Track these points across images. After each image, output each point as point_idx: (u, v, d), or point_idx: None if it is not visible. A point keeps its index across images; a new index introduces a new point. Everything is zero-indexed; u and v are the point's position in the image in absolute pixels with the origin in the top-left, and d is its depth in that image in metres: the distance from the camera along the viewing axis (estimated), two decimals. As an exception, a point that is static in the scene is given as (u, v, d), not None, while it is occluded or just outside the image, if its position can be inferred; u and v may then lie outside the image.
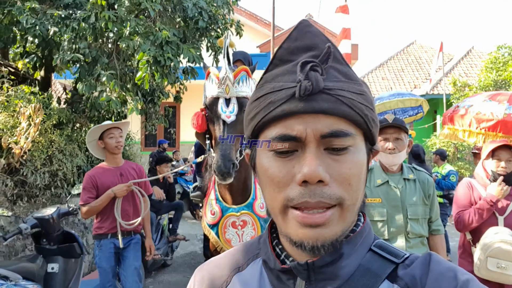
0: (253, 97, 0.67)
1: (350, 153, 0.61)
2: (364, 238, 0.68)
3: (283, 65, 0.64)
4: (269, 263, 0.69)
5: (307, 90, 0.58)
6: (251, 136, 0.67)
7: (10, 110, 4.67)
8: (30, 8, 4.85)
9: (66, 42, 4.62)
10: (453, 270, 0.62)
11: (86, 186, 3.53)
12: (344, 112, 0.59)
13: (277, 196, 0.61)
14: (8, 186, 4.49)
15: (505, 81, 13.31)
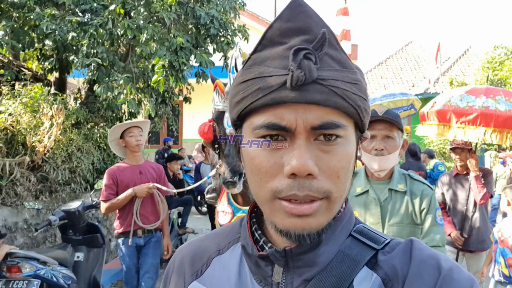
0: (239, 78, 0.63)
1: (340, 145, 0.59)
2: (344, 224, 0.67)
3: (273, 47, 0.60)
4: (247, 249, 0.68)
5: (300, 81, 0.55)
6: (237, 119, 0.64)
7: (33, 110, 4.98)
8: (49, 15, 5.14)
9: (85, 47, 4.93)
10: (435, 258, 0.60)
11: (107, 183, 3.64)
12: (336, 104, 0.57)
13: (265, 185, 0.59)
14: (32, 181, 4.81)
15: (501, 80, 13.64)
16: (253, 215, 0.73)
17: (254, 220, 0.72)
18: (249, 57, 0.63)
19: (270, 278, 0.65)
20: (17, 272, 2.94)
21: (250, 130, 0.61)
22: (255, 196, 0.63)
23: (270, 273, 0.65)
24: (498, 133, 3.45)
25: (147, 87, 5.26)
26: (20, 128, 4.82)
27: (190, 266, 0.74)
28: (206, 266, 0.73)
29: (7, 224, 4.51)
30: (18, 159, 4.64)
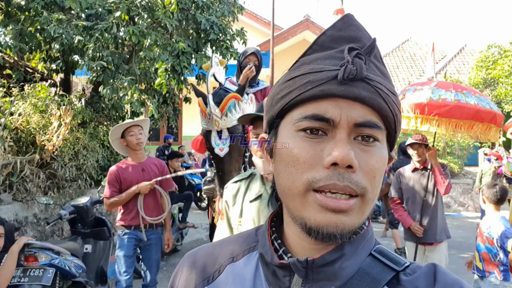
0: (285, 77, 0.65)
1: (377, 147, 0.60)
2: (366, 242, 0.66)
3: (324, 51, 0.63)
4: (266, 257, 0.67)
5: (351, 74, 0.57)
6: (277, 116, 0.65)
7: (41, 111, 5.25)
8: (57, 19, 5.40)
9: (91, 50, 5.19)
10: (460, 284, 0.60)
11: (110, 181, 3.71)
12: (379, 105, 0.59)
13: (300, 177, 0.59)
14: (41, 178, 5.08)
15: (493, 79, 13.90)
16: (272, 224, 0.71)
17: (273, 229, 0.70)
18: (297, 60, 0.66)
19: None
20: (34, 261, 3.22)
21: (290, 124, 0.62)
22: (285, 192, 0.62)
23: (287, 284, 0.63)
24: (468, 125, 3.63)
25: (149, 89, 5.52)
26: (29, 128, 5.09)
27: (201, 272, 0.72)
28: (218, 273, 0.71)
29: (18, 218, 4.79)
30: (28, 157, 4.91)
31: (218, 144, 2.67)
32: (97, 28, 5.31)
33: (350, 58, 0.58)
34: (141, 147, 3.78)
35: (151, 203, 3.80)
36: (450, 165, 12.48)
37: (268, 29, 14.75)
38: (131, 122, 3.78)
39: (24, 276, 3.13)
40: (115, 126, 3.82)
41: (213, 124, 2.64)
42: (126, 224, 3.74)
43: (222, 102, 2.60)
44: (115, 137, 3.78)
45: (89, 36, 5.33)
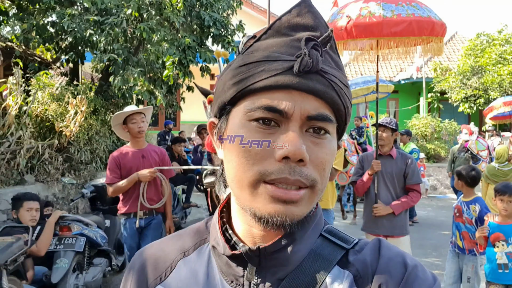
0: (239, 62, 0.63)
1: (328, 140, 0.61)
2: (315, 223, 0.67)
3: (280, 37, 0.61)
4: (218, 248, 0.66)
5: (307, 67, 0.56)
6: (228, 102, 0.63)
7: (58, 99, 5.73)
8: (70, 14, 5.83)
9: (102, 44, 5.64)
10: (401, 256, 0.63)
11: (110, 167, 3.70)
12: (333, 99, 0.59)
13: (251, 168, 0.58)
14: (59, 161, 5.59)
15: (481, 67, 14.43)
16: (222, 215, 0.71)
17: (224, 220, 0.70)
18: (250, 44, 0.64)
19: (242, 278, 0.64)
20: (67, 231, 3.75)
21: (242, 113, 0.60)
22: (236, 182, 0.61)
23: (241, 273, 0.64)
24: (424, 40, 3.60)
25: (157, 79, 6.00)
26: (48, 115, 5.57)
27: (152, 270, 0.71)
28: (170, 269, 0.70)
29: (40, 198, 5.32)
30: (48, 142, 5.41)
31: None
32: (107, 22, 5.75)
33: (307, 50, 0.57)
34: (142, 134, 3.77)
35: (152, 190, 3.78)
36: (437, 150, 13.11)
37: (264, 17, 15.13)
38: (134, 110, 3.77)
39: (60, 244, 3.67)
40: (118, 113, 3.82)
41: None
42: (125, 211, 3.74)
43: None
44: (117, 123, 3.78)
45: (100, 30, 5.77)
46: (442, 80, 15.29)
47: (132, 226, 3.74)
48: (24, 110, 5.07)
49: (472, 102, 14.49)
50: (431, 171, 12.26)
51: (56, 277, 3.51)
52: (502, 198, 3.55)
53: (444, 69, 15.93)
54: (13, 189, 4.80)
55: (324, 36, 0.60)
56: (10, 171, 5.00)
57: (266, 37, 0.63)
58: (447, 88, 15.04)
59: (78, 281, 3.79)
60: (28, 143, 5.04)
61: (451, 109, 16.09)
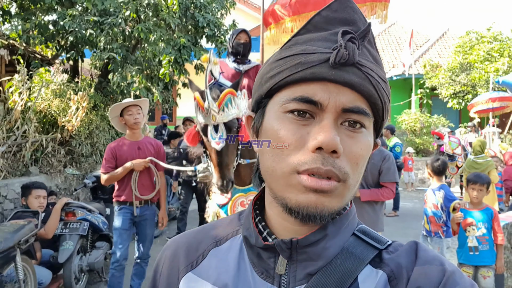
0: (276, 56, 0.64)
1: (363, 134, 0.60)
2: (349, 222, 0.67)
3: (318, 32, 0.62)
4: (250, 239, 0.67)
5: (343, 59, 0.57)
6: (265, 95, 0.64)
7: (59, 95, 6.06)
8: (71, 15, 6.15)
9: (102, 43, 5.97)
10: (439, 260, 0.62)
11: (107, 157, 3.82)
12: (369, 92, 0.59)
13: (286, 159, 0.59)
14: (61, 154, 5.93)
15: (469, 64, 14.81)
16: (256, 207, 0.71)
17: (257, 212, 0.70)
18: (289, 39, 0.65)
19: (273, 271, 0.64)
20: (72, 216, 4.12)
21: (278, 105, 0.61)
22: (269, 172, 0.62)
23: (272, 265, 0.64)
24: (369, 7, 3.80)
25: (153, 77, 6.35)
26: (51, 111, 5.91)
27: (184, 257, 0.72)
28: (202, 258, 0.71)
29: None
30: (51, 136, 5.75)
31: (214, 137, 2.72)
32: (106, 23, 6.08)
33: (343, 42, 0.57)
34: (138, 126, 3.87)
35: (146, 181, 3.88)
36: (426, 144, 13.50)
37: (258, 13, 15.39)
38: (131, 102, 3.86)
39: (65, 228, 4.04)
40: (115, 104, 3.91)
41: (210, 119, 2.68)
42: (120, 200, 3.85)
43: (220, 98, 2.68)
44: (114, 115, 3.88)
45: (100, 30, 6.10)
46: (432, 76, 15.67)
47: (126, 213, 3.83)
48: (28, 106, 5.40)
49: (460, 98, 14.90)
50: (419, 165, 12.66)
51: (62, 257, 3.88)
52: (474, 187, 3.89)
53: (435, 66, 16.31)
54: (19, 179, 5.15)
55: (362, 29, 0.61)
56: (16, 163, 5.34)
57: (305, 32, 0.63)
58: (437, 84, 15.42)
59: (82, 262, 4.16)
60: (32, 137, 5.38)
61: (442, 105, 16.49)
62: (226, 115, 2.68)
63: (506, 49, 14.21)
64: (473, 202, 3.92)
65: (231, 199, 3.10)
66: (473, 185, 3.90)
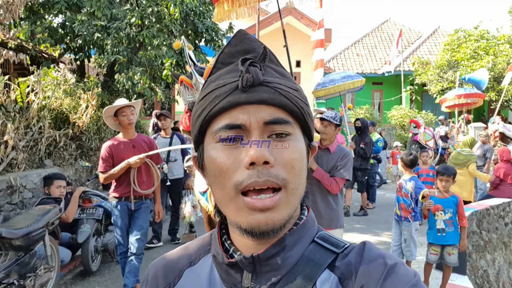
0: (199, 98, 0.71)
1: (291, 140, 0.65)
2: (307, 230, 0.71)
3: (225, 67, 0.69)
4: (218, 257, 0.72)
5: (249, 81, 0.63)
6: (198, 133, 0.69)
7: (70, 94, 6.60)
8: (80, 20, 6.67)
9: (109, 46, 6.50)
10: (382, 256, 0.66)
11: (103, 156, 3.94)
12: (282, 102, 0.64)
13: (227, 183, 0.63)
14: (72, 148, 6.48)
15: (457, 61, 15.39)
16: (222, 226, 0.76)
17: (223, 231, 0.75)
18: (205, 80, 0.73)
19: (240, 284, 0.69)
20: (88, 203, 4.69)
21: (210, 138, 0.67)
22: (220, 200, 0.67)
23: (239, 279, 0.69)
24: None
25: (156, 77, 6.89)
26: (63, 109, 6.44)
27: (163, 279, 0.78)
28: (178, 278, 0.77)
29: (60, 179, 6.22)
30: (63, 132, 6.28)
31: None
32: (112, 27, 6.60)
33: (244, 68, 0.64)
34: (132, 126, 3.99)
35: (143, 176, 4.02)
36: (415, 139, 14.10)
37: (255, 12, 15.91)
38: (124, 104, 3.95)
39: (83, 213, 4.61)
40: (109, 106, 4.05)
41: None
42: (117, 195, 3.99)
43: (204, 73, 2.79)
44: (108, 115, 3.98)
45: (107, 34, 6.62)
46: (422, 73, 16.26)
47: (123, 208, 3.98)
48: (43, 105, 5.93)
49: (448, 94, 15.51)
50: (407, 158, 13.25)
51: (81, 238, 4.45)
52: (442, 178, 4.37)
53: (425, 63, 16.88)
54: (36, 171, 5.69)
55: (261, 53, 0.67)
56: (33, 156, 5.88)
57: (216, 71, 0.71)
58: (426, 81, 16.02)
59: (97, 243, 4.74)
60: (47, 133, 5.91)
61: (432, 101, 17.10)
62: None
63: (492, 48, 14.78)
64: (441, 190, 4.41)
65: None
66: (441, 176, 4.38)
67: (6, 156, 5.00)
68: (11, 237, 3.35)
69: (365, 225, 7.35)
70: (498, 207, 6.60)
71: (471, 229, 5.74)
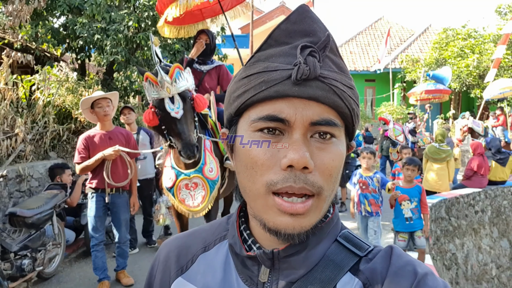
0: (242, 74, 0.65)
1: (334, 144, 0.61)
2: (331, 229, 0.69)
3: (279, 46, 0.62)
4: (235, 248, 0.69)
5: (304, 75, 0.57)
6: (235, 114, 0.65)
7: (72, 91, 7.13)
8: (81, 23, 7.19)
9: (108, 47, 7.02)
10: (412, 264, 0.63)
11: (79, 148, 3.95)
12: (335, 103, 0.60)
13: (259, 179, 0.60)
14: (74, 141, 7.00)
15: (445, 59, 15.90)
16: (241, 214, 0.73)
17: (242, 220, 0.72)
18: (252, 55, 0.65)
19: (256, 278, 0.66)
20: (90, 190, 5.22)
21: (247, 124, 0.62)
22: (246, 192, 0.63)
23: (256, 273, 0.66)
24: None
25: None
26: (65, 105, 6.97)
27: (175, 262, 0.75)
28: (191, 263, 0.74)
29: (61, 170, 6.75)
30: (66, 126, 6.82)
31: (172, 108, 2.84)
32: (111, 29, 7.12)
33: (303, 58, 0.58)
34: (108, 118, 4.02)
35: (119, 169, 4.03)
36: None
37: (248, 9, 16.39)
38: (100, 95, 3.98)
39: (85, 198, 5.14)
40: (85, 98, 4.06)
41: (164, 91, 2.81)
42: (93, 186, 4.03)
43: (170, 71, 2.85)
44: (85, 107, 3.99)
45: (106, 35, 7.14)
46: (412, 71, 16.77)
47: (98, 200, 4.02)
48: (48, 101, 6.46)
49: (435, 92, 16.04)
50: (395, 152, 13.81)
51: (84, 220, 4.99)
52: (408, 167, 4.68)
53: (415, 60, 17.40)
54: (41, 162, 6.22)
55: (323, 40, 0.61)
56: (39, 148, 6.41)
57: (266, 47, 0.64)
58: (415, 78, 16.54)
59: (98, 226, 5.28)
60: (52, 127, 6.45)
61: (421, 97, 17.64)
62: (178, 86, 2.85)
63: (478, 46, 15.29)
64: (407, 180, 4.71)
65: (176, 181, 3.24)
66: (408, 166, 4.70)
67: (15, 148, 5.53)
68: (24, 216, 3.88)
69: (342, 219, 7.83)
70: (468, 196, 7.12)
71: (440, 215, 6.24)
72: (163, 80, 2.79)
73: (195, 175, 3.23)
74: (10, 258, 3.70)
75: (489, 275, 7.33)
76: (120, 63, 6.99)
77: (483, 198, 7.50)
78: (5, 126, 5.32)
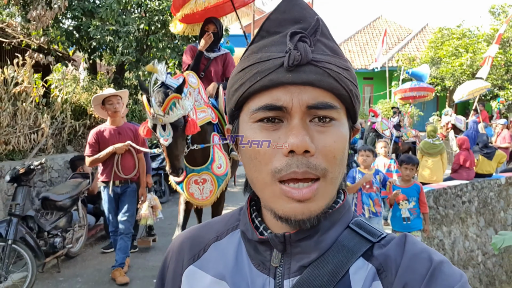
0: (238, 68, 0.66)
1: (334, 126, 0.61)
2: (343, 215, 0.69)
3: (271, 37, 0.63)
4: (247, 234, 0.70)
5: (296, 60, 0.58)
6: (235, 108, 0.66)
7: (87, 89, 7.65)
8: (95, 25, 7.70)
9: (120, 48, 7.53)
10: (427, 251, 0.63)
11: (90, 142, 4.19)
12: (330, 85, 0.60)
13: (264, 168, 0.61)
14: (89, 136, 7.54)
15: (439, 58, 16.40)
16: (252, 203, 0.74)
17: (254, 208, 0.73)
18: (246, 48, 0.67)
19: (269, 263, 0.67)
20: (108, 179, 5.75)
21: (247, 116, 0.63)
22: (254, 182, 0.65)
23: (268, 257, 0.67)
24: None
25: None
26: (81, 102, 7.49)
27: (188, 251, 0.77)
28: (203, 251, 0.75)
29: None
30: (81, 122, 7.34)
31: (162, 135, 2.98)
32: (123, 31, 7.63)
33: (293, 44, 0.58)
34: (118, 114, 4.23)
35: (128, 162, 4.25)
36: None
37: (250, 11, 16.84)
38: (111, 93, 4.21)
39: (104, 187, 5.67)
40: (96, 95, 4.30)
41: (157, 120, 2.94)
42: (104, 179, 4.26)
43: (164, 103, 2.89)
44: (96, 103, 4.26)
45: (118, 37, 7.66)
46: (409, 68, 17.26)
47: (109, 192, 4.24)
48: (66, 99, 6.98)
49: (431, 89, 16.55)
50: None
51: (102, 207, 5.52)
52: (406, 166, 4.57)
53: (411, 59, 17.89)
54: (60, 155, 6.75)
55: (312, 26, 0.62)
56: (57, 142, 6.94)
57: (259, 39, 0.65)
58: (411, 76, 17.05)
59: (116, 212, 5.80)
60: (69, 123, 6.97)
61: (418, 95, 18.11)
62: (171, 117, 2.92)
63: (471, 46, 15.78)
64: (405, 179, 4.62)
65: (185, 177, 3.45)
66: (406, 165, 4.59)
67: (39, 142, 6.06)
68: (55, 200, 4.42)
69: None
70: (455, 187, 7.67)
71: (428, 204, 6.77)
72: (155, 114, 2.91)
73: (204, 172, 3.48)
74: (44, 236, 4.23)
75: (475, 261, 7.90)
76: (131, 63, 7.50)
77: (470, 190, 8.05)
78: (31, 121, 5.83)
